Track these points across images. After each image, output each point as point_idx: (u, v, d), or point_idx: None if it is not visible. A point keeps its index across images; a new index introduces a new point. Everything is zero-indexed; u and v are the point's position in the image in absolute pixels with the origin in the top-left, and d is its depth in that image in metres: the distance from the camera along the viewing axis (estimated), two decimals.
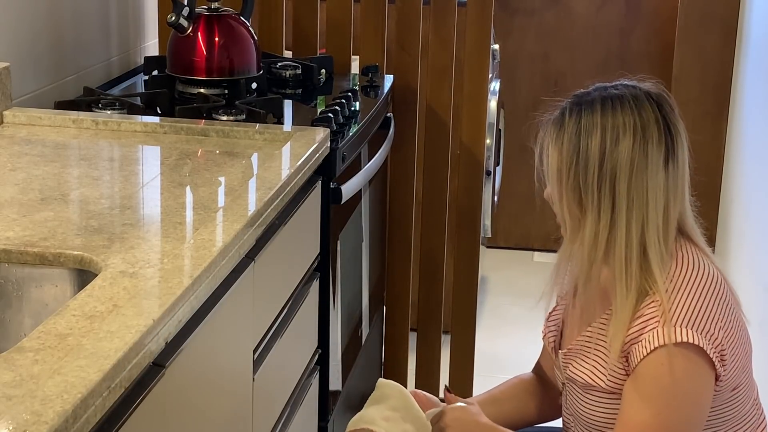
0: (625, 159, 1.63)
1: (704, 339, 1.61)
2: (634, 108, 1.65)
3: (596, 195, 1.64)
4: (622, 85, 1.70)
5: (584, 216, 1.66)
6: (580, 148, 1.64)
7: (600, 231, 1.65)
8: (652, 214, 1.64)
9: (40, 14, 2.22)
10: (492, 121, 3.15)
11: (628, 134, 1.63)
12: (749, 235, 3.35)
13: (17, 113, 2.03)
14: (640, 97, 1.66)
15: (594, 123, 1.64)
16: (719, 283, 1.68)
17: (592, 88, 1.71)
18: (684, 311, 1.62)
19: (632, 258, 1.64)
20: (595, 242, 1.66)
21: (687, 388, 1.62)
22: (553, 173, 1.68)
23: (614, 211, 1.64)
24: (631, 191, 1.63)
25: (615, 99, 1.66)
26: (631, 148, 1.63)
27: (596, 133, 1.64)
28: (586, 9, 4.17)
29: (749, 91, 3.64)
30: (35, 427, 0.95)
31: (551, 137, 1.69)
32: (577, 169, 1.64)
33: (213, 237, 1.45)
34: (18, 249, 1.39)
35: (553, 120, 1.70)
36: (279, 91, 2.47)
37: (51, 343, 1.11)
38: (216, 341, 1.43)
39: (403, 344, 3.02)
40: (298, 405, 1.92)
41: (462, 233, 2.95)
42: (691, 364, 1.61)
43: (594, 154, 1.63)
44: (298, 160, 1.83)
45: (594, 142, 1.64)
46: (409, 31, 2.81)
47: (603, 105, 1.66)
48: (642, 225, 1.64)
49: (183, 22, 2.30)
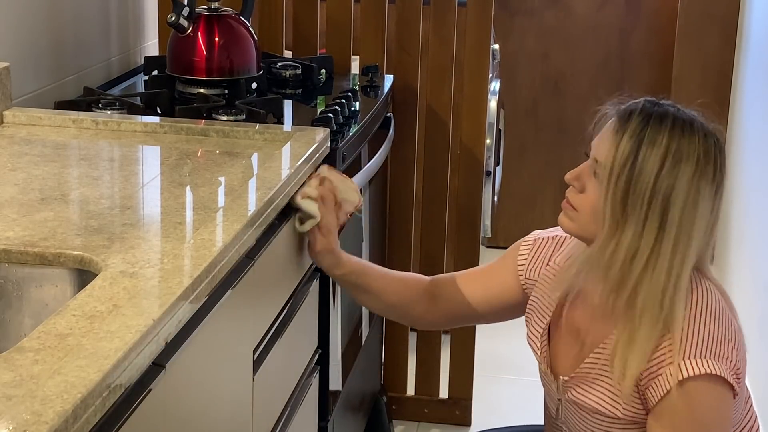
0: (683, 185, 1.59)
1: (722, 366, 1.59)
2: (701, 139, 1.61)
3: (645, 210, 1.60)
4: (693, 112, 1.66)
5: (625, 224, 1.61)
6: (639, 154, 1.60)
7: (641, 249, 1.61)
8: (692, 250, 1.62)
9: (40, 14, 2.22)
10: (492, 121, 3.15)
11: (690, 162, 1.60)
12: (749, 235, 3.35)
13: (17, 113, 2.03)
14: (708, 133, 1.63)
15: (661, 137, 1.60)
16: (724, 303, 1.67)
17: (665, 101, 1.67)
18: (700, 342, 1.60)
19: (668, 290, 1.61)
20: (632, 259, 1.61)
21: (713, 418, 1.62)
22: (604, 166, 1.63)
23: (661, 234, 1.60)
24: (683, 221, 1.60)
25: (687, 122, 1.63)
26: (691, 177, 1.59)
27: (659, 148, 1.60)
28: (586, 9, 4.17)
29: (749, 91, 3.64)
30: (35, 427, 0.95)
31: (612, 128, 1.64)
32: (630, 175, 1.60)
33: (213, 237, 1.45)
34: (18, 249, 1.39)
35: (619, 112, 1.66)
36: (279, 91, 2.47)
37: (51, 343, 1.11)
38: (216, 341, 1.43)
39: (403, 344, 3.02)
40: (298, 405, 1.92)
41: (462, 233, 2.95)
42: (714, 394, 1.60)
43: (651, 167, 1.59)
44: (298, 160, 1.83)
45: (654, 155, 1.59)
46: (409, 31, 2.81)
47: (674, 123, 1.62)
48: (683, 259, 1.61)
49: (183, 22, 2.30)
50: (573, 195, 1.70)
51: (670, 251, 1.61)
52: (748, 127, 3.58)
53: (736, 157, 3.79)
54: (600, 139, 1.67)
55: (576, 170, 1.70)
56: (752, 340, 3.15)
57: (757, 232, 3.19)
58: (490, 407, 3.15)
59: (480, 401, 3.11)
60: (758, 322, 2.96)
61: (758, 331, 2.94)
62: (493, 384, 3.29)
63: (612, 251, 1.63)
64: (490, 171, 3.14)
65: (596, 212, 1.65)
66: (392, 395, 3.05)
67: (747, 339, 1.74)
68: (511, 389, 3.28)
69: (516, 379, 3.31)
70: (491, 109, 3.12)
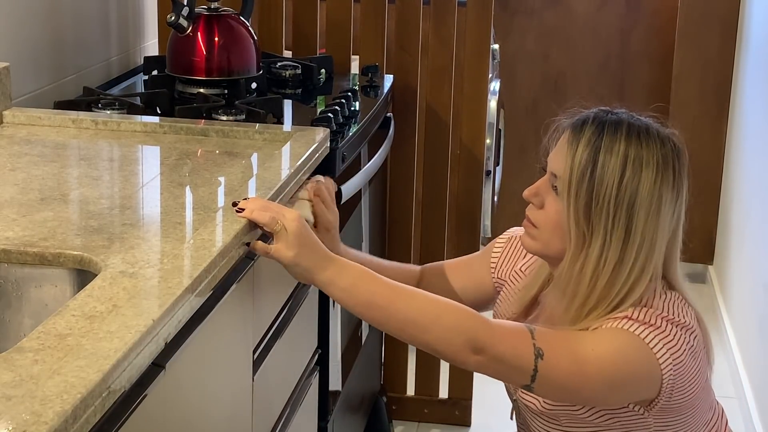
0: (645, 192, 1.57)
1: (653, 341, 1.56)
2: (659, 144, 1.60)
3: (611, 219, 1.58)
4: (649, 121, 1.64)
5: (591, 237, 1.59)
6: (597, 163, 1.58)
7: (609, 260, 1.59)
8: (656, 256, 1.60)
9: (40, 14, 2.22)
10: (492, 121, 3.15)
11: (651, 168, 1.58)
12: (749, 234, 3.35)
13: (17, 113, 2.03)
14: (665, 138, 1.61)
15: (617, 144, 1.58)
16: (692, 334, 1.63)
17: (618, 110, 1.65)
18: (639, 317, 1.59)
19: (620, 294, 1.59)
20: (602, 272, 1.59)
21: (597, 358, 1.56)
22: (563, 179, 1.61)
23: (626, 243, 1.58)
24: (646, 228, 1.58)
25: (642, 128, 1.61)
26: (653, 183, 1.58)
27: (618, 155, 1.58)
28: (586, 9, 4.17)
29: (749, 91, 3.64)
30: (35, 427, 0.94)
31: (567, 139, 1.62)
32: (591, 185, 1.58)
33: (213, 237, 1.45)
34: (18, 249, 1.39)
35: (572, 123, 1.63)
36: (279, 91, 2.47)
37: (51, 344, 1.11)
38: (216, 341, 1.43)
39: (403, 344, 3.02)
40: (298, 405, 1.92)
41: (462, 233, 2.95)
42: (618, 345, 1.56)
43: (612, 175, 1.57)
44: (298, 160, 1.83)
45: (614, 163, 1.57)
46: (409, 31, 2.81)
47: (629, 129, 1.60)
48: (643, 266, 1.59)
49: (183, 22, 2.30)
50: (533, 212, 1.67)
51: (633, 258, 1.59)
52: (748, 127, 3.58)
53: (736, 157, 3.79)
54: (555, 152, 1.64)
55: (533, 186, 1.68)
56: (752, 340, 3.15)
57: (757, 232, 3.19)
58: (490, 407, 3.14)
59: (480, 401, 3.10)
60: (758, 322, 2.96)
61: (758, 331, 2.94)
62: (493, 384, 3.25)
63: (581, 266, 1.61)
64: (490, 171, 3.14)
65: (559, 228, 1.62)
66: (392, 395, 3.05)
67: (747, 339, 1.74)
68: None
69: None
70: (491, 109, 3.12)
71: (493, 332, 1.56)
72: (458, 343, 1.55)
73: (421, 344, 1.60)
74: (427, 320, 1.56)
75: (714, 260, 4.07)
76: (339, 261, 1.58)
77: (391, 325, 1.59)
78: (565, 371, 1.56)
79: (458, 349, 1.55)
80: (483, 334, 1.55)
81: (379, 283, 1.58)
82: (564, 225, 1.61)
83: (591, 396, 1.60)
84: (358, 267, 1.59)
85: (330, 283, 1.57)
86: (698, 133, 3.95)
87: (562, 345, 1.57)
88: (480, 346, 1.54)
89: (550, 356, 1.55)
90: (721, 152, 4.03)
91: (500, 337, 1.56)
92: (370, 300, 1.57)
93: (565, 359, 1.56)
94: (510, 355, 1.55)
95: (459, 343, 1.55)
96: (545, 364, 1.55)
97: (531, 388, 1.58)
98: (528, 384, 1.57)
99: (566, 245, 1.62)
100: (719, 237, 4.01)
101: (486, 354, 1.55)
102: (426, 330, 1.56)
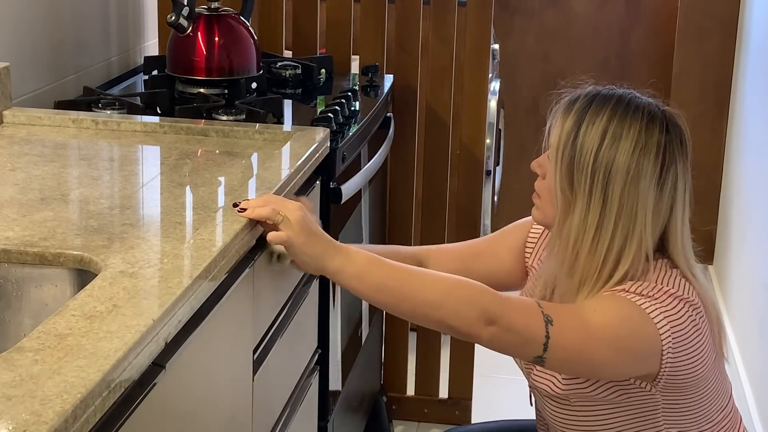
0: (622, 162, 1.62)
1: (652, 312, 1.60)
2: (644, 123, 1.64)
3: (588, 184, 1.63)
4: (649, 100, 1.69)
5: (575, 202, 1.65)
6: (579, 130, 1.64)
7: (588, 226, 1.64)
8: (638, 228, 1.63)
9: (40, 14, 2.22)
10: (492, 121, 3.15)
11: (629, 140, 1.63)
12: (749, 234, 3.35)
13: (17, 113, 2.03)
14: (656, 116, 1.66)
15: (601, 115, 1.64)
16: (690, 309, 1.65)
17: (620, 88, 1.71)
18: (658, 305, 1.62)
19: (607, 264, 1.64)
20: (582, 234, 1.65)
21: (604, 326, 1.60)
22: (552, 147, 1.68)
23: (604, 210, 1.63)
24: (623, 197, 1.62)
25: (632, 105, 1.66)
26: (630, 154, 1.62)
27: (599, 124, 1.64)
28: (586, 9, 4.17)
29: (749, 91, 3.64)
30: (35, 427, 0.94)
31: (561, 111, 1.69)
32: (573, 151, 1.64)
33: (213, 237, 1.45)
34: (18, 249, 1.39)
35: (568, 98, 1.70)
36: (279, 91, 2.47)
37: (51, 343, 1.11)
38: (216, 341, 1.43)
39: (403, 344, 3.02)
40: (298, 405, 1.92)
41: (462, 233, 2.95)
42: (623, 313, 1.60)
43: (591, 142, 1.63)
44: (298, 159, 1.83)
45: (594, 131, 1.63)
46: (409, 31, 2.81)
47: (618, 102, 1.66)
48: (625, 236, 1.63)
49: (183, 22, 2.30)
50: (537, 182, 1.74)
51: (612, 226, 1.63)
52: (748, 127, 3.58)
53: (736, 157, 3.79)
54: (553, 126, 1.72)
55: (539, 158, 1.75)
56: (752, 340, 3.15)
57: (757, 232, 3.19)
58: (490, 407, 3.15)
59: (480, 401, 3.11)
60: (758, 322, 2.96)
61: (758, 331, 2.94)
62: (493, 384, 3.29)
63: (567, 231, 1.66)
64: (490, 171, 3.14)
65: (552, 196, 1.69)
66: (392, 395, 3.05)
67: (747, 339, 1.74)
68: (510, 389, 3.28)
69: (515, 379, 3.29)
70: (491, 109, 3.12)
71: (503, 303, 1.60)
72: (471, 316, 1.58)
73: (435, 322, 1.62)
74: (439, 297, 1.59)
75: (714, 260, 4.07)
76: (346, 248, 1.61)
77: (403, 307, 1.62)
78: (574, 336, 1.59)
79: (471, 322, 1.58)
80: (494, 305, 1.58)
81: (389, 266, 1.61)
82: (554, 192, 1.68)
83: (598, 360, 1.62)
84: (366, 253, 1.62)
85: (340, 271, 1.59)
86: (698, 133, 3.94)
87: (567, 312, 1.62)
88: (492, 318, 1.57)
89: (558, 322, 1.59)
90: (721, 152, 4.03)
91: (511, 307, 1.60)
92: (382, 283, 1.60)
93: (572, 323, 1.60)
94: (522, 323, 1.59)
95: (472, 316, 1.58)
96: (555, 329, 1.58)
97: (543, 360, 1.61)
98: (540, 355, 1.60)
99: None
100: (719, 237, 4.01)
101: (499, 324, 1.58)
102: (438, 307, 1.59)
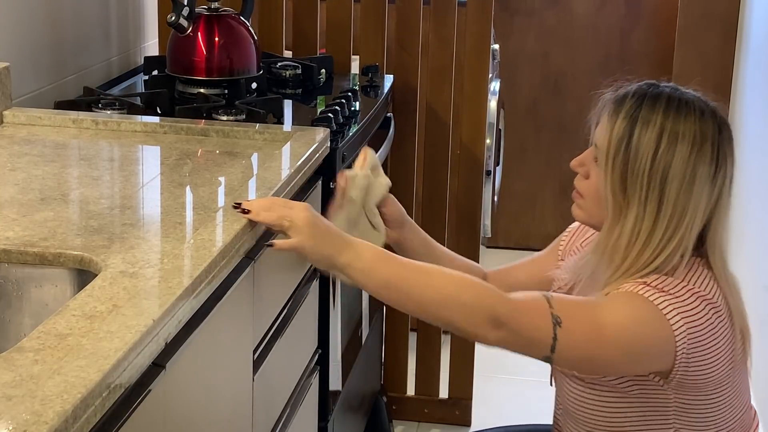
0: (679, 165, 1.59)
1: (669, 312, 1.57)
2: (698, 120, 1.62)
3: (644, 191, 1.60)
4: (694, 93, 1.67)
5: (628, 208, 1.62)
6: (633, 135, 1.61)
7: (642, 231, 1.61)
8: (683, 229, 1.61)
9: (40, 14, 2.22)
10: (492, 121, 3.15)
11: (686, 142, 1.60)
12: (749, 234, 3.35)
13: (17, 113, 2.03)
14: (706, 112, 1.64)
15: (654, 116, 1.61)
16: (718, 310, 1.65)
17: (663, 84, 1.68)
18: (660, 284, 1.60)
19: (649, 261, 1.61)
20: (635, 243, 1.62)
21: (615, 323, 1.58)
22: (602, 149, 1.64)
23: (658, 216, 1.61)
24: (679, 202, 1.60)
25: (682, 102, 1.63)
26: (687, 157, 1.60)
27: (654, 128, 1.60)
28: (586, 9, 4.17)
29: (749, 91, 3.64)
30: (35, 427, 0.94)
31: (608, 112, 1.66)
32: (627, 156, 1.61)
33: (213, 237, 1.45)
34: (18, 249, 1.39)
35: (614, 97, 1.67)
36: (279, 91, 2.47)
37: (51, 343, 1.11)
38: (216, 341, 1.43)
39: (403, 344, 3.02)
40: (298, 405, 1.92)
41: (462, 233, 2.95)
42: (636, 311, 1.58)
43: (647, 147, 1.60)
44: (298, 160, 1.83)
45: (649, 135, 1.60)
46: (409, 31, 2.81)
47: (669, 103, 1.63)
48: (670, 237, 1.61)
49: (183, 22, 2.30)
50: (579, 182, 1.72)
51: (663, 230, 1.61)
52: (748, 127, 3.58)
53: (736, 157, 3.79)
54: (599, 126, 1.69)
55: (580, 157, 1.72)
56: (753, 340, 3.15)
57: (757, 232, 3.19)
58: (490, 407, 3.15)
59: (480, 401, 3.11)
60: (758, 322, 2.95)
61: (758, 331, 2.93)
62: (493, 384, 3.29)
63: (617, 236, 1.64)
64: (490, 171, 3.14)
65: (600, 198, 1.66)
66: (392, 395, 3.05)
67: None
68: (511, 389, 3.28)
69: (516, 379, 3.31)
70: (491, 109, 3.13)
71: (511, 305, 1.58)
72: (478, 318, 1.57)
73: (442, 321, 1.61)
74: (446, 298, 1.58)
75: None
76: (355, 243, 1.61)
77: (410, 304, 1.61)
78: (583, 337, 1.58)
79: (478, 325, 1.57)
80: (502, 307, 1.57)
81: (397, 263, 1.61)
82: (603, 195, 1.65)
83: (607, 363, 1.61)
84: (375, 248, 1.62)
85: (348, 266, 1.60)
86: None
87: (579, 311, 1.60)
88: (500, 320, 1.56)
89: (568, 323, 1.57)
90: None
91: (519, 309, 1.58)
92: (388, 280, 1.59)
93: (582, 324, 1.58)
94: (530, 326, 1.57)
95: (479, 318, 1.57)
96: (563, 331, 1.56)
97: (551, 359, 1.60)
98: (548, 355, 1.58)
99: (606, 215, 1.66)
100: None
101: (506, 327, 1.56)
102: (445, 307, 1.58)
